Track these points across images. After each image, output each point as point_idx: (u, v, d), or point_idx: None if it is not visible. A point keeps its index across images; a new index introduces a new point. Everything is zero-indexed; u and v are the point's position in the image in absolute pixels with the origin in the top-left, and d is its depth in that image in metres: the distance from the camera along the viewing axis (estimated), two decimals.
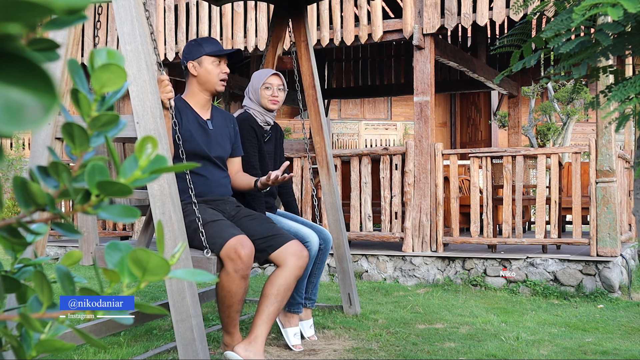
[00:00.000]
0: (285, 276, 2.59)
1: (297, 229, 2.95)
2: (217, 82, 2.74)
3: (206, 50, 2.71)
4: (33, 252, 2.22)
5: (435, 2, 5.08)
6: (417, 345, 3.05)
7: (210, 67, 2.72)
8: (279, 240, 2.61)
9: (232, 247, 2.45)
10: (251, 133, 3.05)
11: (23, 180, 0.57)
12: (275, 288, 2.58)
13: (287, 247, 2.60)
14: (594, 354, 2.93)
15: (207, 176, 2.71)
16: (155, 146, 0.59)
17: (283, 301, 2.62)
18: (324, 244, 3.13)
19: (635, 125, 1.90)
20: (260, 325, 2.59)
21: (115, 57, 0.60)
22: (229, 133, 2.86)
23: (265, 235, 2.62)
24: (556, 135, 11.08)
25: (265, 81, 3.11)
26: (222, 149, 2.79)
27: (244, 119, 3.07)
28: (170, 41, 6.06)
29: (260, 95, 3.11)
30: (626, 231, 5.49)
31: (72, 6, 0.38)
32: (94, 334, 2.65)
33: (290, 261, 2.59)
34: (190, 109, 2.75)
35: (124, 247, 0.59)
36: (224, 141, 2.81)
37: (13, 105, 0.38)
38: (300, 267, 2.61)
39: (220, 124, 2.83)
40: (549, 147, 10.83)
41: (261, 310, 2.60)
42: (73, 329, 0.62)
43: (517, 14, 4.62)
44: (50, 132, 2.43)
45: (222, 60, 2.75)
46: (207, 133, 2.74)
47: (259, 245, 2.60)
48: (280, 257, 2.60)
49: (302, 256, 2.61)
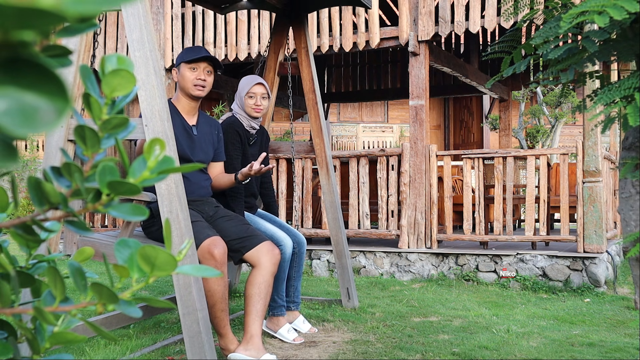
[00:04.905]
0: (262, 274, 2.68)
1: (272, 231, 3.02)
2: (192, 87, 2.78)
3: (183, 58, 2.79)
4: (47, 248, 2.15)
5: (430, 11, 5.15)
6: (413, 337, 3.09)
7: (186, 74, 2.78)
8: (253, 241, 2.68)
9: (205, 248, 2.53)
10: (236, 137, 3.10)
11: (37, 180, 0.56)
12: (256, 287, 2.67)
13: (260, 247, 2.67)
14: (581, 345, 2.97)
15: (190, 178, 2.77)
16: (163, 148, 0.59)
17: (267, 297, 2.69)
18: (298, 248, 3.18)
19: (620, 128, 1.88)
20: (252, 324, 2.66)
21: (125, 63, 0.61)
22: (213, 139, 2.92)
23: (240, 237, 2.70)
24: (545, 137, 11.16)
25: (249, 90, 3.14)
26: (205, 154, 2.85)
27: (230, 122, 3.12)
28: (178, 48, 6.11)
29: (244, 104, 3.15)
30: (612, 229, 5.55)
31: (84, 14, 0.37)
32: (105, 327, 2.67)
33: (264, 260, 2.67)
34: (177, 113, 2.81)
35: (133, 244, 0.59)
36: (207, 146, 2.87)
37: (28, 108, 0.38)
38: (274, 264, 2.69)
39: (205, 130, 2.89)
40: (538, 148, 10.96)
41: (249, 311, 2.68)
42: (85, 321, 0.62)
43: (507, 21, 4.71)
44: (63, 134, 2.45)
45: (200, 67, 2.78)
46: (192, 138, 2.80)
47: (233, 245, 2.68)
48: (254, 257, 2.68)
49: (274, 254, 2.70)
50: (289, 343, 3.03)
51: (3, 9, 0.36)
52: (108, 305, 0.58)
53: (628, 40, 1.89)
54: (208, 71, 2.82)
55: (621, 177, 2.02)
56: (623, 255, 5.71)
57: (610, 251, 4.96)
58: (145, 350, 2.78)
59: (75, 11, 0.37)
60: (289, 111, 3.89)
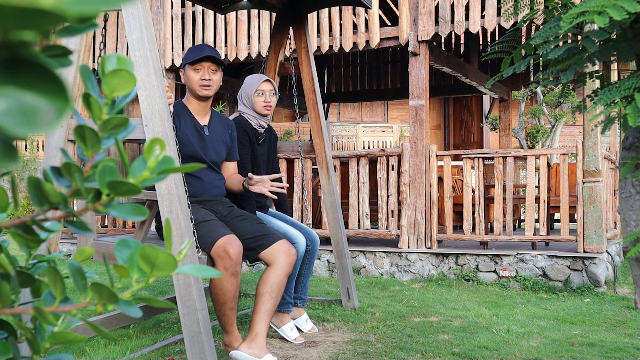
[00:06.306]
0: (276, 274, 2.65)
1: (285, 229, 3.01)
2: (198, 87, 2.78)
3: (186, 60, 2.79)
4: (47, 248, 2.17)
5: (430, 11, 5.16)
6: (413, 337, 3.09)
7: (191, 75, 2.78)
8: (268, 240, 2.67)
9: (221, 246, 2.51)
10: (244, 136, 3.10)
11: (37, 180, 0.56)
12: (268, 286, 2.65)
13: (276, 246, 2.65)
14: (581, 345, 2.97)
15: (203, 178, 2.78)
16: (163, 148, 0.59)
17: (277, 297, 2.67)
18: (312, 245, 3.18)
19: (620, 128, 1.88)
20: (259, 323, 2.65)
21: (125, 63, 0.61)
22: (225, 139, 2.91)
23: (255, 235, 2.68)
24: (545, 137, 11.17)
25: (258, 88, 3.14)
26: (217, 154, 2.85)
27: (238, 122, 3.13)
28: (178, 48, 6.12)
29: (253, 102, 3.15)
30: (612, 229, 5.56)
31: (84, 14, 0.37)
32: (105, 327, 2.66)
33: (280, 259, 2.65)
34: (189, 113, 2.81)
35: (133, 244, 0.59)
36: (220, 146, 2.87)
37: (28, 109, 0.38)
38: (290, 264, 2.67)
39: (218, 129, 2.88)
40: (538, 148, 10.98)
41: (258, 309, 2.66)
42: (85, 321, 0.62)
43: (507, 21, 4.70)
44: (63, 134, 2.44)
45: (204, 67, 2.78)
46: (203, 138, 2.80)
47: (249, 244, 2.66)
48: (270, 256, 2.66)
49: (290, 254, 2.67)
50: (289, 343, 3.04)
51: (3, 9, 0.36)
52: (108, 305, 0.58)
53: (628, 40, 1.89)
54: (213, 70, 2.81)
55: (621, 177, 2.01)
56: (623, 255, 5.73)
57: (610, 251, 4.96)
58: (145, 350, 2.79)
59: (75, 11, 0.37)
60: (289, 111, 3.89)
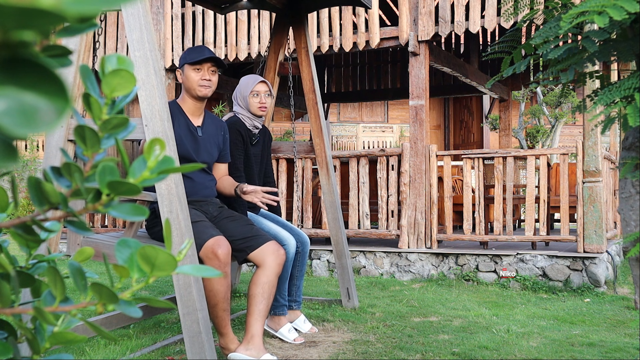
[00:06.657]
0: (266, 274, 2.66)
1: (276, 231, 3.02)
2: (197, 87, 2.79)
3: (187, 60, 2.79)
4: (47, 248, 2.16)
5: (430, 11, 5.17)
6: (413, 337, 3.10)
7: (190, 75, 2.78)
8: (258, 241, 2.68)
9: (209, 247, 2.52)
10: (238, 137, 3.10)
11: (37, 180, 0.56)
12: (259, 287, 2.66)
13: (265, 247, 2.66)
14: (581, 345, 2.98)
15: (194, 178, 2.78)
16: (163, 148, 0.59)
17: (270, 298, 2.68)
18: (302, 247, 3.18)
19: (620, 128, 1.88)
20: (254, 324, 2.65)
21: (125, 63, 0.61)
22: (218, 140, 2.91)
23: (245, 236, 2.69)
24: (545, 137, 11.18)
25: (253, 89, 3.14)
26: (209, 155, 2.86)
27: (232, 123, 3.13)
28: (178, 48, 6.13)
29: (248, 103, 3.15)
30: (611, 229, 5.57)
31: (84, 14, 0.37)
32: (105, 327, 2.67)
33: (269, 260, 2.66)
34: (182, 114, 2.81)
35: (133, 244, 0.59)
36: (212, 148, 2.87)
37: (28, 109, 0.38)
38: (279, 264, 2.68)
39: (211, 131, 2.89)
40: (538, 148, 10.98)
41: (252, 311, 2.66)
42: (85, 321, 0.62)
43: (507, 21, 4.71)
44: (63, 134, 2.45)
45: (204, 67, 2.79)
46: (196, 139, 2.81)
47: (238, 245, 2.67)
48: (259, 257, 2.67)
49: (279, 255, 2.68)
50: (289, 343, 3.03)
51: (3, 9, 0.36)
52: (108, 305, 0.58)
53: (628, 40, 1.89)
54: (212, 71, 2.82)
55: (621, 177, 2.02)
56: (623, 255, 5.73)
57: (610, 251, 4.97)
58: (145, 350, 2.79)
59: (75, 11, 0.37)
60: (289, 111, 3.90)
